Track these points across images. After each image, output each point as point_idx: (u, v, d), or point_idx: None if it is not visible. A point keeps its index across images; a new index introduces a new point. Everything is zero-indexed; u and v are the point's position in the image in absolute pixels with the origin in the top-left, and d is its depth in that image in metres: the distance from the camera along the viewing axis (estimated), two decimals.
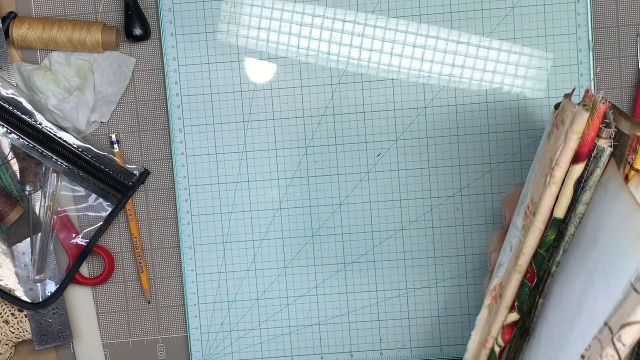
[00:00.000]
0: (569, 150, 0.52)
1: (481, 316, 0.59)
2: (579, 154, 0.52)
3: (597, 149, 0.51)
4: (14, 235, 0.76)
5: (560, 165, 0.52)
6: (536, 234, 0.54)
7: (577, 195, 0.53)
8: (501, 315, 0.57)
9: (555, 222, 0.54)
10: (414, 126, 0.75)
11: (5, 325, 0.77)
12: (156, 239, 0.77)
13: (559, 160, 0.52)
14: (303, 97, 0.75)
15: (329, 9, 0.74)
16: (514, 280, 0.56)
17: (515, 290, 0.56)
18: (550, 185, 0.53)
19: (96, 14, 0.76)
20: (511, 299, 0.57)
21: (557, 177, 0.52)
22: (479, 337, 0.59)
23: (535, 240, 0.54)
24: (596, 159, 0.51)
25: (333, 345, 0.77)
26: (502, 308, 0.57)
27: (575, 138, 0.51)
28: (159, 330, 0.78)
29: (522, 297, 0.56)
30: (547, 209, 0.53)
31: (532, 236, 0.54)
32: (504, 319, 0.57)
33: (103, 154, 0.75)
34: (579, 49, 0.74)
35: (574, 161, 0.52)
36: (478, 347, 0.60)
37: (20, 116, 0.73)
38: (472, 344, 0.60)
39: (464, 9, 0.74)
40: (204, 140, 0.76)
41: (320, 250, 0.76)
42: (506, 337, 0.58)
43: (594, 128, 0.51)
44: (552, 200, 0.53)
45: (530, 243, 0.55)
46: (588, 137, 0.51)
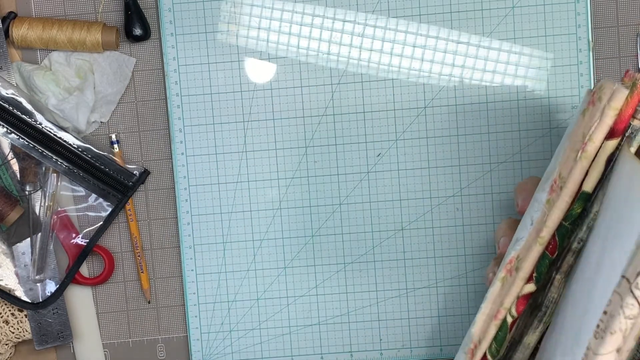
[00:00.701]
0: (605, 125, 0.52)
1: (493, 289, 0.58)
2: (614, 130, 0.52)
3: (632, 128, 0.52)
4: (14, 235, 0.76)
5: (594, 140, 0.52)
6: (563, 206, 0.54)
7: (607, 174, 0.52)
8: (517, 286, 0.56)
9: (583, 196, 0.53)
10: (414, 126, 0.75)
11: (5, 325, 0.77)
12: (156, 239, 0.77)
13: (593, 136, 0.52)
14: (303, 97, 0.75)
15: (329, 9, 0.74)
16: (534, 252, 0.55)
17: (534, 262, 0.55)
18: (581, 159, 0.53)
19: (96, 14, 0.76)
20: (529, 270, 0.56)
21: (589, 152, 0.52)
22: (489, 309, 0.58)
23: (561, 213, 0.54)
24: (630, 138, 0.52)
25: (333, 345, 0.77)
26: (519, 280, 0.56)
27: (612, 114, 0.51)
28: (159, 330, 0.78)
29: (541, 269, 0.55)
30: (576, 182, 0.53)
31: (558, 209, 0.54)
32: (519, 290, 0.56)
33: (103, 154, 0.75)
34: (579, 49, 0.74)
35: (607, 137, 0.52)
36: (487, 320, 0.58)
37: (20, 116, 0.73)
38: (480, 317, 0.59)
39: (464, 9, 0.74)
40: (204, 140, 0.76)
41: (320, 250, 0.76)
42: (520, 308, 0.57)
43: (633, 105, 0.51)
44: (582, 173, 0.53)
45: (555, 215, 0.54)
46: (625, 114, 0.51)
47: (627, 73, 0.54)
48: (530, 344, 0.57)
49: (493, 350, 0.58)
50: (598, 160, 0.53)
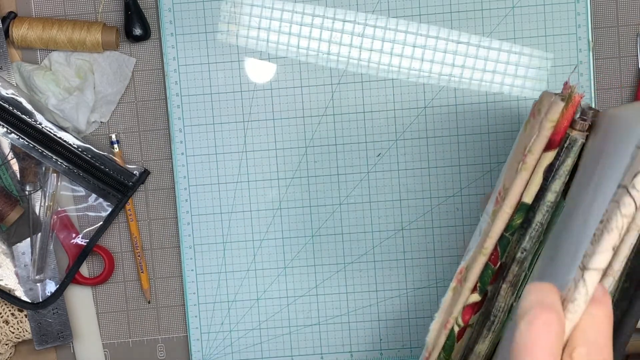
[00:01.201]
0: (543, 138, 0.53)
1: (445, 298, 0.60)
2: (551, 141, 0.53)
3: (570, 139, 0.53)
4: (14, 235, 0.76)
5: (533, 152, 0.53)
6: (504, 217, 0.55)
7: (547, 184, 0.54)
8: (463, 296, 0.58)
9: (523, 207, 0.55)
10: (414, 126, 0.75)
11: (5, 325, 0.77)
12: (156, 239, 0.77)
13: (532, 148, 0.53)
14: (303, 97, 0.75)
15: (329, 9, 0.74)
16: (478, 263, 0.57)
17: (478, 272, 0.57)
18: (521, 171, 0.54)
19: (96, 14, 0.76)
20: (474, 280, 0.57)
21: (528, 164, 0.54)
22: (442, 318, 0.60)
23: (502, 224, 0.55)
24: (568, 149, 0.53)
25: (333, 345, 0.77)
26: (465, 289, 0.58)
27: (549, 126, 0.53)
28: (159, 330, 0.78)
29: (484, 279, 0.57)
30: (516, 193, 0.54)
31: (499, 220, 0.55)
32: (465, 299, 0.58)
33: (103, 154, 0.75)
34: (579, 49, 0.74)
35: (546, 149, 0.53)
36: (439, 329, 0.60)
37: (20, 116, 0.73)
38: (434, 325, 0.60)
39: (464, 9, 0.74)
40: (204, 140, 0.76)
41: (320, 250, 0.76)
42: (466, 318, 0.58)
43: (568, 117, 0.53)
44: (522, 185, 0.54)
45: (497, 226, 0.55)
46: (561, 126, 0.53)
47: (565, 85, 0.54)
48: (481, 353, 0.58)
49: (442, 358, 0.59)
50: (537, 171, 0.54)
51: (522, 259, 0.55)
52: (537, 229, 0.54)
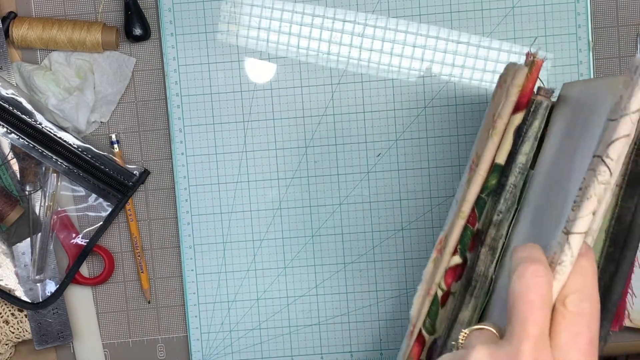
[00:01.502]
0: (510, 102, 0.56)
1: (426, 270, 0.61)
2: (519, 104, 0.56)
3: (536, 102, 0.56)
4: (14, 235, 0.76)
5: (502, 116, 0.56)
6: (479, 181, 0.57)
7: (517, 147, 0.56)
8: (444, 261, 0.59)
9: (497, 168, 0.57)
10: (414, 126, 0.75)
11: (5, 325, 0.77)
12: (156, 239, 0.77)
13: (501, 112, 0.56)
14: (303, 97, 0.75)
15: (329, 9, 0.74)
16: (457, 227, 0.58)
17: (458, 236, 0.59)
18: (492, 136, 0.57)
19: (96, 14, 0.76)
20: (454, 244, 0.59)
21: (498, 128, 0.56)
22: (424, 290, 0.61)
23: (478, 187, 0.57)
24: (535, 112, 0.56)
25: (333, 345, 0.77)
26: (446, 255, 0.59)
27: (516, 91, 0.56)
28: (159, 330, 0.78)
29: (464, 240, 0.58)
30: (489, 157, 0.57)
31: (474, 183, 0.57)
32: (447, 264, 0.59)
33: (103, 154, 0.75)
34: (579, 49, 0.74)
35: (514, 112, 0.56)
36: (422, 300, 0.61)
37: (20, 116, 0.73)
38: (416, 299, 0.61)
39: (464, 9, 0.74)
40: (204, 140, 0.76)
41: (320, 250, 0.76)
42: (448, 281, 0.59)
43: (532, 80, 0.56)
44: (494, 149, 0.57)
45: (473, 190, 0.58)
46: (527, 89, 0.56)
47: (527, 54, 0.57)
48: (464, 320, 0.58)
49: (427, 325, 0.60)
50: (507, 134, 0.56)
51: (499, 222, 0.57)
52: (510, 190, 0.56)
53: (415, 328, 0.60)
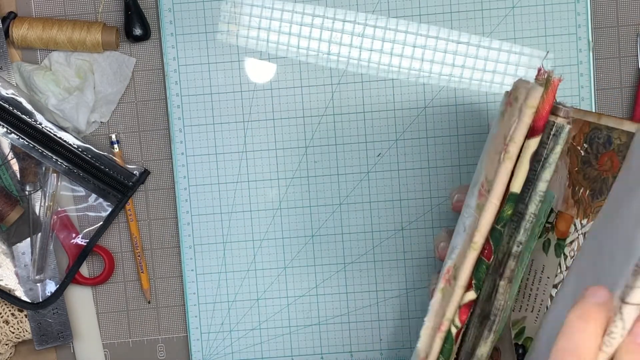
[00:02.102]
0: (524, 125, 0.52)
1: (434, 301, 0.58)
2: (534, 128, 0.52)
3: (557, 126, 0.52)
4: (14, 235, 0.76)
5: (515, 140, 0.52)
6: (492, 209, 0.54)
7: (537, 173, 0.52)
8: (457, 295, 0.56)
9: (512, 197, 0.53)
10: (414, 126, 0.75)
11: (5, 325, 0.77)
12: (156, 239, 0.77)
13: (514, 136, 0.52)
14: (303, 97, 0.75)
15: (329, 9, 0.74)
16: (469, 259, 0.55)
17: (471, 269, 0.55)
18: (505, 160, 0.53)
19: (96, 14, 0.76)
20: (467, 278, 0.55)
21: (511, 152, 0.52)
22: (433, 322, 0.58)
23: (491, 216, 0.54)
24: (555, 136, 0.52)
25: (333, 345, 0.77)
26: (458, 288, 0.55)
27: (530, 113, 0.52)
28: (159, 330, 0.78)
29: (479, 275, 0.55)
30: (502, 184, 0.53)
31: (487, 212, 0.54)
32: (459, 299, 0.56)
33: (103, 154, 0.75)
34: (579, 49, 0.74)
35: (528, 136, 0.52)
36: (432, 334, 0.58)
37: (20, 116, 0.73)
38: (425, 331, 0.58)
39: (464, 9, 0.74)
40: (204, 140, 0.76)
41: (320, 250, 0.76)
42: (463, 318, 0.56)
43: (549, 102, 0.51)
44: (507, 175, 0.53)
45: (486, 219, 0.54)
46: (543, 111, 0.51)
47: (539, 71, 0.53)
48: (483, 355, 0.56)
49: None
50: (522, 159, 0.52)
51: (519, 253, 0.54)
52: (530, 220, 0.53)
53: None
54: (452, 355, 0.57)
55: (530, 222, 0.53)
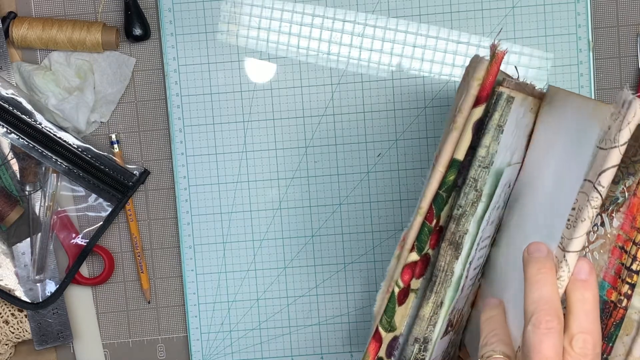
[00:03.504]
0: (470, 96, 0.55)
1: (390, 266, 0.61)
2: (479, 98, 0.55)
3: (496, 93, 0.55)
4: (14, 235, 0.76)
5: (462, 110, 0.55)
6: (437, 176, 0.56)
7: (478, 139, 0.55)
8: (403, 258, 0.58)
9: (455, 164, 0.56)
10: (414, 126, 0.75)
11: (5, 325, 0.77)
12: (156, 239, 0.77)
13: (461, 107, 0.55)
14: (303, 97, 0.75)
15: (329, 9, 0.74)
16: (415, 223, 0.57)
17: (416, 232, 0.58)
18: (452, 130, 0.55)
19: (96, 14, 0.76)
20: (412, 241, 0.58)
21: (458, 122, 0.55)
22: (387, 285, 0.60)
23: (436, 183, 0.56)
24: (495, 103, 0.55)
25: (333, 345, 0.77)
26: (404, 251, 0.58)
27: (476, 85, 0.55)
28: (159, 330, 0.78)
29: (421, 237, 0.58)
30: (448, 152, 0.56)
31: (433, 179, 0.57)
32: (405, 260, 0.58)
33: (103, 154, 0.75)
34: (579, 49, 0.74)
35: (474, 105, 0.55)
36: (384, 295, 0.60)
37: (20, 116, 0.73)
38: (379, 295, 0.61)
39: (464, 9, 0.74)
40: (204, 140, 0.76)
41: (320, 250, 0.76)
42: (405, 278, 0.58)
43: (493, 73, 0.54)
44: (453, 143, 0.56)
45: (432, 186, 0.57)
46: (486, 82, 0.54)
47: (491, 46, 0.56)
48: (425, 316, 0.58)
49: (384, 322, 0.59)
50: (466, 128, 0.55)
51: (459, 216, 0.56)
52: (470, 184, 0.56)
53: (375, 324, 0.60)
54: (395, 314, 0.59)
55: (470, 186, 0.56)
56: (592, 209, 0.49)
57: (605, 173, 0.49)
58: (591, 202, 0.49)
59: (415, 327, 0.59)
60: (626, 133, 0.48)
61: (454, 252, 0.57)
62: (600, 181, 0.49)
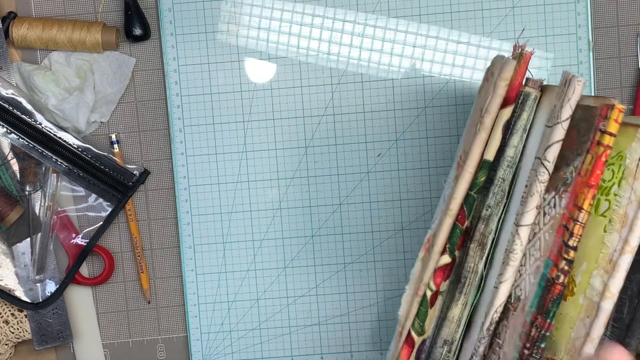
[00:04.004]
0: (498, 97, 0.55)
1: (414, 270, 0.61)
2: (507, 98, 0.55)
3: (524, 93, 0.55)
4: (14, 235, 0.76)
5: (490, 111, 0.55)
6: (467, 177, 0.56)
7: (506, 139, 0.55)
8: (433, 260, 0.58)
9: (486, 165, 0.56)
10: (414, 126, 0.75)
11: (5, 325, 0.77)
12: (156, 239, 0.77)
13: (489, 107, 0.55)
14: (303, 97, 0.75)
15: (329, 9, 0.74)
16: (445, 225, 0.57)
17: (446, 234, 0.58)
18: (480, 131, 0.55)
19: (96, 14, 0.76)
20: (442, 243, 0.58)
21: (486, 124, 0.55)
22: (413, 289, 0.60)
23: (466, 184, 0.57)
24: (523, 103, 0.55)
25: (333, 345, 0.77)
26: (434, 254, 0.58)
27: (504, 85, 0.55)
28: (159, 330, 0.78)
29: (453, 239, 0.58)
30: (477, 154, 0.56)
31: (463, 180, 0.56)
32: (435, 263, 0.58)
33: (103, 154, 0.75)
34: (579, 49, 0.74)
35: (502, 107, 0.55)
36: (411, 300, 0.60)
37: (20, 116, 0.73)
38: (405, 298, 0.61)
39: (464, 9, 0.74)
40: (204, 140, 0.76)
41: (320, 250, 0.76)
42: (438, 280, 0.58)
43: (521, 73, 0.55)
44: (482, 145, 0.56)
45: (461, 187, 0.57)
46: (515, 82, 0.55)
47: (515, 47, 0.56)
48: (454, 318, 0.58)
49: (417, 326, 0.59)
50: (496, 129, 0.55)
51: (487, 216, 0.56)
52: (499, 184, 0.56)
53: (404, 329, 0.60)
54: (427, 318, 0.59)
55: (499, 187, 0.56)
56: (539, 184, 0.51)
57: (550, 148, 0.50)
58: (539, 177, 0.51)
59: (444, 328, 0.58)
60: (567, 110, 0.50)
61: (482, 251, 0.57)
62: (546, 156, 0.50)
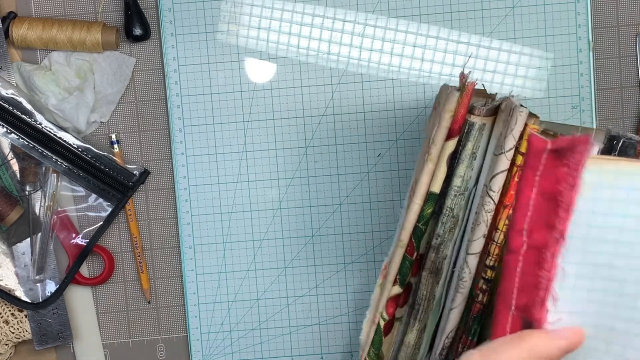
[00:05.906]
0: (443, 128, 0.55)
1: (374, 296, 0.61)
2: (452, 130, 0.55)
3: (468, 123, 0.55)
4: (14, 235, 0.76)
5: (436, 143, 0.55)
6: (415, 209, 0.57)
7: (453, 169, 0.55)
8: (387, 290, 0.59)
9: (432, 197, 0.56)
10: (414, 126, 0.75)
11: (5, 325, 0.77)
12: (156, 239, 0.77)
13: (434, 139, 0.55)
14: (303, 97, 0.75)
15: (329, 9, 0.74)
16: (396, 255, 0.58)
17: (398, 265, 0.58)
18: (427, 162, 0.56)
19: (96, 14, 0.76)
20: (394, 273, 0.58)
21: (433, 155, 0.55)
22: (372, 315, 0.61)
23: (414, 216, 0.57)
24: (468, 133, 0.55)
25: (333, 345, 0.77)
26: (388, 283, 0.59)
27: (448, 117, 0.54)
28: (159, 330, 0.78)
29: (403, 270, 0.58)
30: (424, 184, 0.56)
31: (411, 212, 0.57)
32: (388, 293, 0.59)
33: (103, 154, 0.75)
34: (579, 49, 0.74)
35: (447, 138, 0.55)
36: (370, 326, 0.61)
37: (20, 116, 0.73)
38: (366, 324, 0.61)
39: (464, 9, 0.74)
40: (204, 140, 0.76)
41: (320, 250, 0.76)
42: (390, 311, 0.59)
43: (464, 105, 0.54)
44: (429, 176, 0.56)
45: (410, 218, 0.57)
46: (459, 115, 0.54)
47: (461, 75, 0.55)
48: (410, 343, 0.58)
49: (372, 354, 0.60)
50: (441, 161, 0.55)
51: (437, 245, 0.56)
52: (447, 214, 0.56)
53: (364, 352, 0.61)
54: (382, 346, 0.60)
55: (447, 216, 0.56)
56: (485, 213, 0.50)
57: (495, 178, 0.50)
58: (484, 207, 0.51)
59: (400, 352, 0.59)
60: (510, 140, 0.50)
61: (435, 278, 0.57)
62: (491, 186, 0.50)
